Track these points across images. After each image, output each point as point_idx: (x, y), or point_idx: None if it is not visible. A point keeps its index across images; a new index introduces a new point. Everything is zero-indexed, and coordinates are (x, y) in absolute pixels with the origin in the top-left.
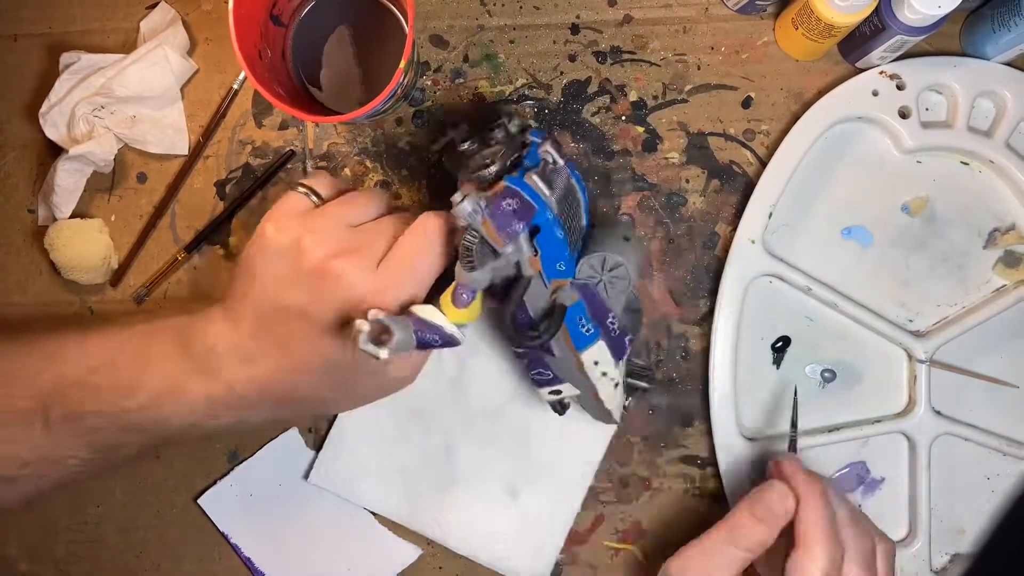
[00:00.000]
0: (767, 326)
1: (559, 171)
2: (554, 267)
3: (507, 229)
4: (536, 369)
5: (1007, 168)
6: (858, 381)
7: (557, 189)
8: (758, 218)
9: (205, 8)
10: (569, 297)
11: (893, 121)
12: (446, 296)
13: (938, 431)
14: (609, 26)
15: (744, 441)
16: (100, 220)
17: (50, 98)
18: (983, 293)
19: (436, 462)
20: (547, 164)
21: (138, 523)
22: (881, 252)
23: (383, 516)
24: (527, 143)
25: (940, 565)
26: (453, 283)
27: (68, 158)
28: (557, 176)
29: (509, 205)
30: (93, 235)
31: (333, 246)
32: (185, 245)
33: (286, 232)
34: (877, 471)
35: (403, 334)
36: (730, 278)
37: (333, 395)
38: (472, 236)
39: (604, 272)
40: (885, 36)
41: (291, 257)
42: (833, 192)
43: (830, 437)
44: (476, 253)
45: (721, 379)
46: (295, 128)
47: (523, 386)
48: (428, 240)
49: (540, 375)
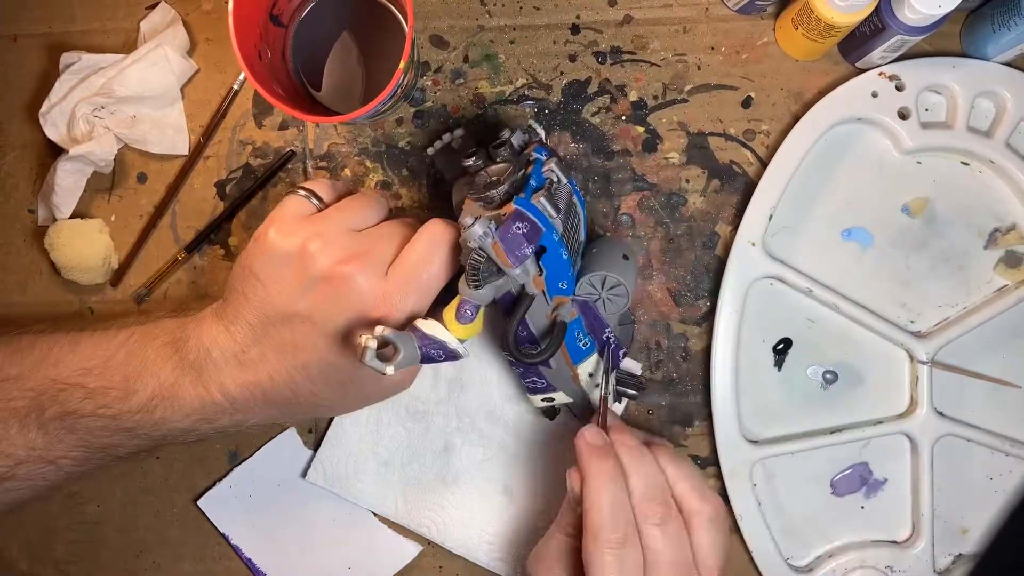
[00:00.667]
0: (768, 328)
1: (562, 189)
2: (557, 285)
3: (516, 252)
4: (530, 378)
5: (1007, 168)
6: (860, 382)
7: (562, 208)
8: (758, 220)
9: (205, 8)
10: (569, 313)
11: (892, 122)
12: (450, 311)
13: (940, 432)
14: (609, 26)
15: (746, 443)
16: (100, 220)
17: (50, 98)
18: (984, 293)
19: (434, 462)
20: (552, 183)
21: (138, 523)
22: (882, 253)
23: (382, 515)
24: (531, 160)
25: (944, 566)
26: (457, 298)
27: (68, 158)
28: (561, 195)
29: (519, 228)
30: (93, 235)
31: (340, 252)
32: (186, 245)
33: (290, 237)
34: (879, 472)
35: (408, 350)
36: (731, 281)
37: (330, 399)
38: (479, 255)
39: (604, 291)
40: (885, 36)
41: (297, 262)
42: (833, 193)
43: (832, 438)
44: (482, 272)
45: (722, 382)
46: (295, 128)
47: (520, 388)
48: (435, 249)
49: (534, 384)
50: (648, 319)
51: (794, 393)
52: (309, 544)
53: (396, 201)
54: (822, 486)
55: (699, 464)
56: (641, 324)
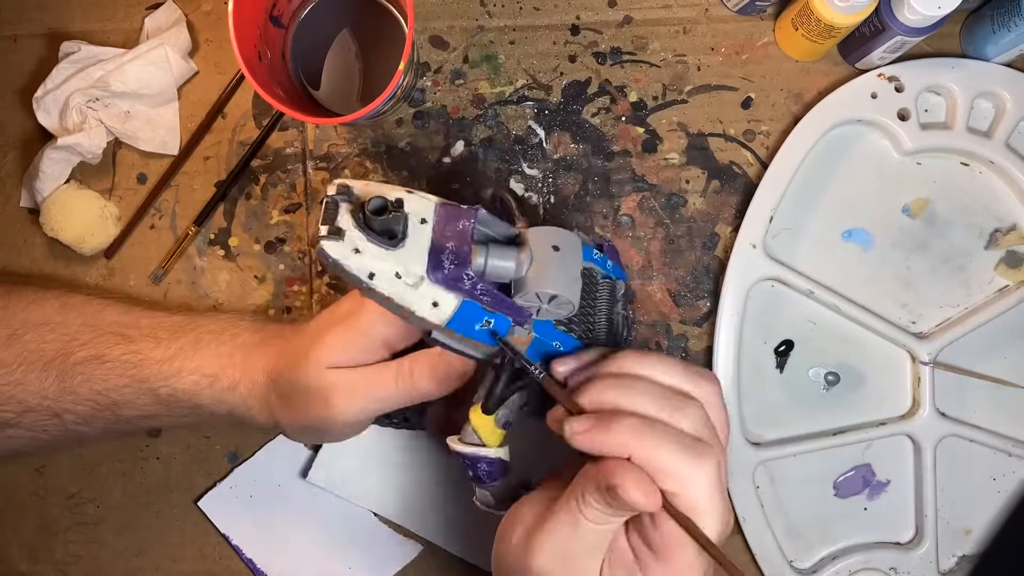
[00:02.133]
0: (769, 330)
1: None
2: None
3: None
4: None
5: (1007, 168)
6: (862, 384)
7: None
8: (759, 222)
9: (205, 9)
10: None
11: (892, 123)
12: (477, 415)
13: (943, 433)
14: (609, 27)
15: (749, 445)
16: (77, 182)
17: (46, 84)
18: (985, 294)
19: (433, 461)
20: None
21: (138, 523)
22: (882, 254)
23: (383, 515)
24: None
25: (948, 567)
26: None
27: (56, 147)
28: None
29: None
30: (83, 195)
31: None
32: (195, 219)
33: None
34: (882, 474)
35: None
36: (732, 283)
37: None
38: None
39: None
40: (885, 36)
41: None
42: (833, 195)
43: (834, 440)
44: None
45: (724, 384)
46: (295, 129)
47: None
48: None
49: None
50: (648, 320)
51: (796, 395)
52: (310, 544)
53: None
54: (825, 488)
55: None
56: (641, 324)
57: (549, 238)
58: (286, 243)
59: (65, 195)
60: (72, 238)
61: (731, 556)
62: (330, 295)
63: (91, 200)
